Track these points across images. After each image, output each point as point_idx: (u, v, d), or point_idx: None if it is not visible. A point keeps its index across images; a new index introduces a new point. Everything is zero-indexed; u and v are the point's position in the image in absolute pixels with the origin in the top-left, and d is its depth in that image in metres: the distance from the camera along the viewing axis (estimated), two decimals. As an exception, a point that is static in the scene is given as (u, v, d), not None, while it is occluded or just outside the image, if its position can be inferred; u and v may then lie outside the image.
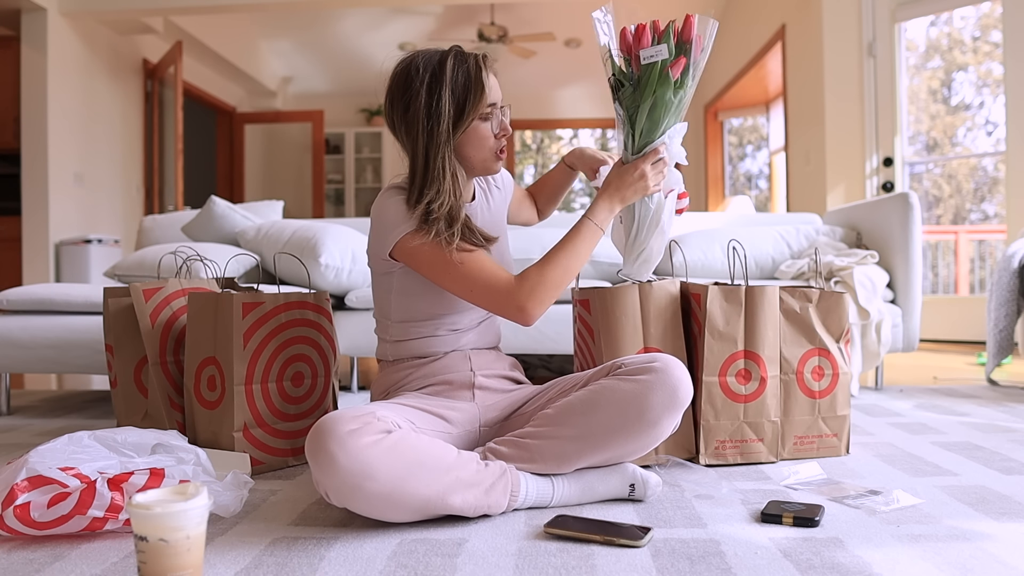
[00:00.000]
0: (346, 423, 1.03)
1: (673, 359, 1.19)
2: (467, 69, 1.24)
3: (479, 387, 1.34)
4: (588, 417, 1.16)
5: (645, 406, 1.15)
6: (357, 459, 1.01)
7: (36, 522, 1.03)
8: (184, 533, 0.80)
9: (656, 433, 1.17)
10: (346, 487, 1.01)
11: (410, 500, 1.04)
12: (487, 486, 1.11)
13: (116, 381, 1.76)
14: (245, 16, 6.55)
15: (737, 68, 6.27)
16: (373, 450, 1.02)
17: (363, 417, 1.05)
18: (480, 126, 1.27)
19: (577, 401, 1.19)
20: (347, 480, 1.01)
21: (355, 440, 1.02)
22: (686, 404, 1.18)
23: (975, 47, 5.48)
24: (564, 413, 1.18)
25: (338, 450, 1.01)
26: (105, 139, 5.18)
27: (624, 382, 1.17)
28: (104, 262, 4.69)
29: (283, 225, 2.46)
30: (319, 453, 1.02)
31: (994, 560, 0.96)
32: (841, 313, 1.57)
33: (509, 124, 1.32)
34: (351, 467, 1.01)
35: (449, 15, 6.67)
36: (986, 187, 6.32)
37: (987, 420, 1.95)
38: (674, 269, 2.53)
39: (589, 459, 1.18)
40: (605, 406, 1.16)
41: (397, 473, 1.03)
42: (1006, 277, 2.58)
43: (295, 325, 1.53)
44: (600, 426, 1.16)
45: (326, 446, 1.01)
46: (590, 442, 1.16)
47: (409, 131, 1.26)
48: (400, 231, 1.25)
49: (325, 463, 1.01)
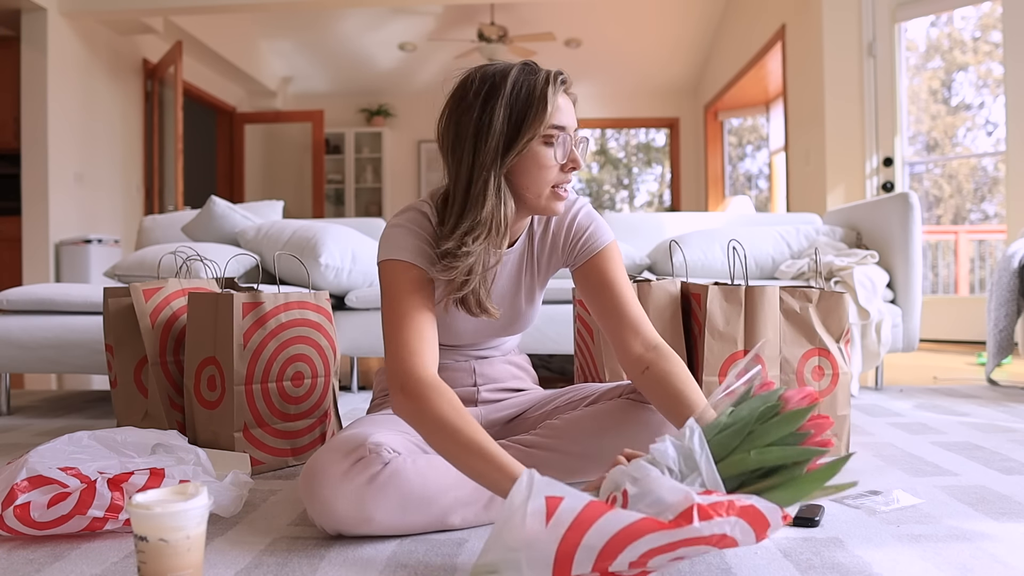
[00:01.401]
0: (338, 463, 1.00)
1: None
2: (532, 82, 1.06)
3: (482, 401, 1.33)
4: (598, 439, 1.14)
5: (659, 434, 1.08)
6: (352, 503, 0.99)
7: (36, 522, 1.03)
8: (184, 533, 0.80)
9: None
10: (344, 528, 1.02)
11: (410, 527, 1.04)
12: (485, 501, 1.10)
13: (116, 381, 1.76)
14: (245, 16, 6.55)
15: (737, 68, 6.27)
16: (369, 489, 0.99)
17: (357, 451, 1.01)
18: (541, 151, 1.07)
19: (587, 420, 1.16)
20: (345, 522, 1.01)
21: (349, 483, 0.99)
22: None
23: (975, 47, 5.48)
24: (573, 429, 1.16)
25: (333, 497, 0.99)
26: (105, 139, 5.18)
27: (639, 409, 1.14)
28: (104, 262, 4.69)
29: (283, 225, 2.46)
30: (313, 500, 1.01)
31: (994, 560, 0.96)
32: (841, 313, 1.57)
33: (584, 158, 1.10)
34: (347, 512, 1.00)
35: (449, 15, 6.67)
36: (986, 187, 6.32)
37: (987, 420, 1.95)
38: (674, 269, 2.53)
39: (593, 475, 1.16)
40: (616, 430, 1.14)
41: (393, 510, 1.01)
42: (1006, 277, 2.58)
43: (295, 325, 1.53)
44: (609, 449, 1.11)
45: (320, 494, 1.00)
46: (596, 461, 1.15)
47: (455, 148, 1.08)
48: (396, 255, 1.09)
49: (320, 510, 1.01)
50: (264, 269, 2.53)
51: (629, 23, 6.72)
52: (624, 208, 9.45)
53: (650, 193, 9.38)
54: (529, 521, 0.76)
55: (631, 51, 7.23)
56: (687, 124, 7.97)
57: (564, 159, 1.08)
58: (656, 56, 7.34)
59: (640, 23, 6.72)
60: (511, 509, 0.78)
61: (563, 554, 0.75)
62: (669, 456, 0.83)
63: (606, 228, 1.23)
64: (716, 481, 0.82)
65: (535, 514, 0.76)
